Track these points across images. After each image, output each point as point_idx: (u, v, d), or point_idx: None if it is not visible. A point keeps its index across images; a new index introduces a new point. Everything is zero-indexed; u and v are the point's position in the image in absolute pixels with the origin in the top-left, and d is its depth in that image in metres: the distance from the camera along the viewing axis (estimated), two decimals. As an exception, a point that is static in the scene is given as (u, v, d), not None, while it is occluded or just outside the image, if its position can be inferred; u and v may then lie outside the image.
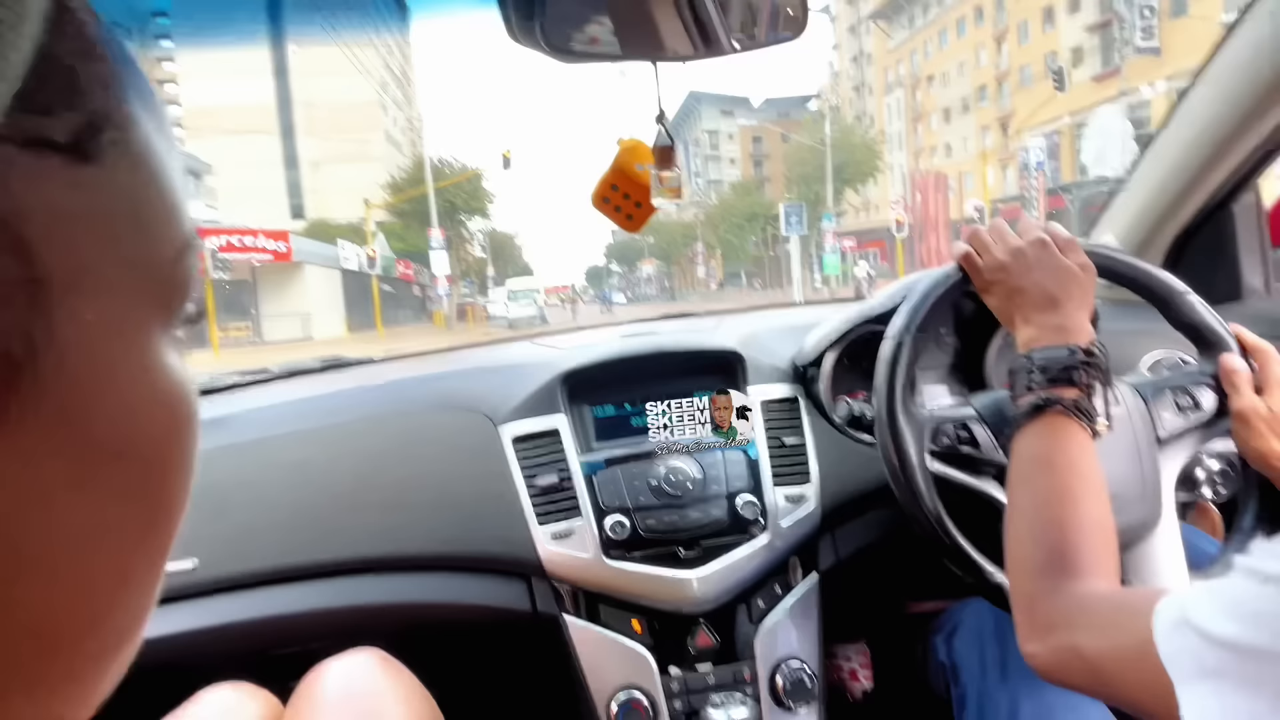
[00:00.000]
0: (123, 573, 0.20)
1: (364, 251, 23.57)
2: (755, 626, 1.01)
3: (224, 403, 1.23)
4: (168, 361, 0.21)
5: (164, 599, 0.71)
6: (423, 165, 29.50)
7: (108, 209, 0.19)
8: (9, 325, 0.16)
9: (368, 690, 0.72)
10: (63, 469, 0.18)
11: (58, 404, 0.17)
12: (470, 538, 1.01)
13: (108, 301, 0.18)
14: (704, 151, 56.67)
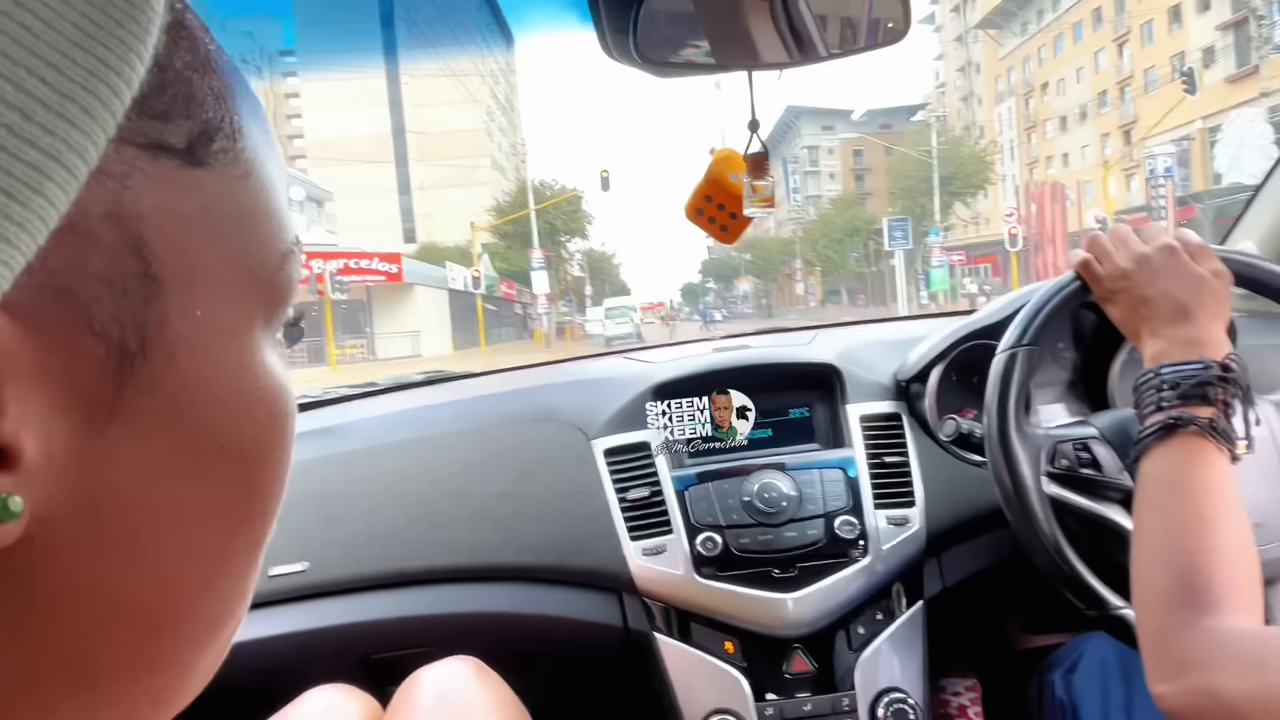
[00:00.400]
0: (219, 561, 0.21)
1: (469, 272, 24.50)
2: (855, 655, 0.96)
3: (335, 414, 1.29)
4: (269, 361, 0.22)
5: (277, 600, 0.75)
6: (525, 188, 30.47)
7: (218, 212, 0.20)
8: (125, 318, 0.17)
9: (463, 699, 0.73)
10: (170, 459, 0.19)
11: (168, 396, 0.18)
12: (563, 550, 1.02)
13: (216, 301, 0.20)
14: (803, 167, 55.87)
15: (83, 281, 0.16)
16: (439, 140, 45.90)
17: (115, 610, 0.18)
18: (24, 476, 0.15)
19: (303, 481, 1.08)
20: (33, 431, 0.15)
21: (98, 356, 0.16)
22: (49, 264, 0.15)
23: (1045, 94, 41.02)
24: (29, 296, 0.15)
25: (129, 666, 0.20)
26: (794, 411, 1.12)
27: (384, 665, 0.96)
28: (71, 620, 0.18)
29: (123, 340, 0.17)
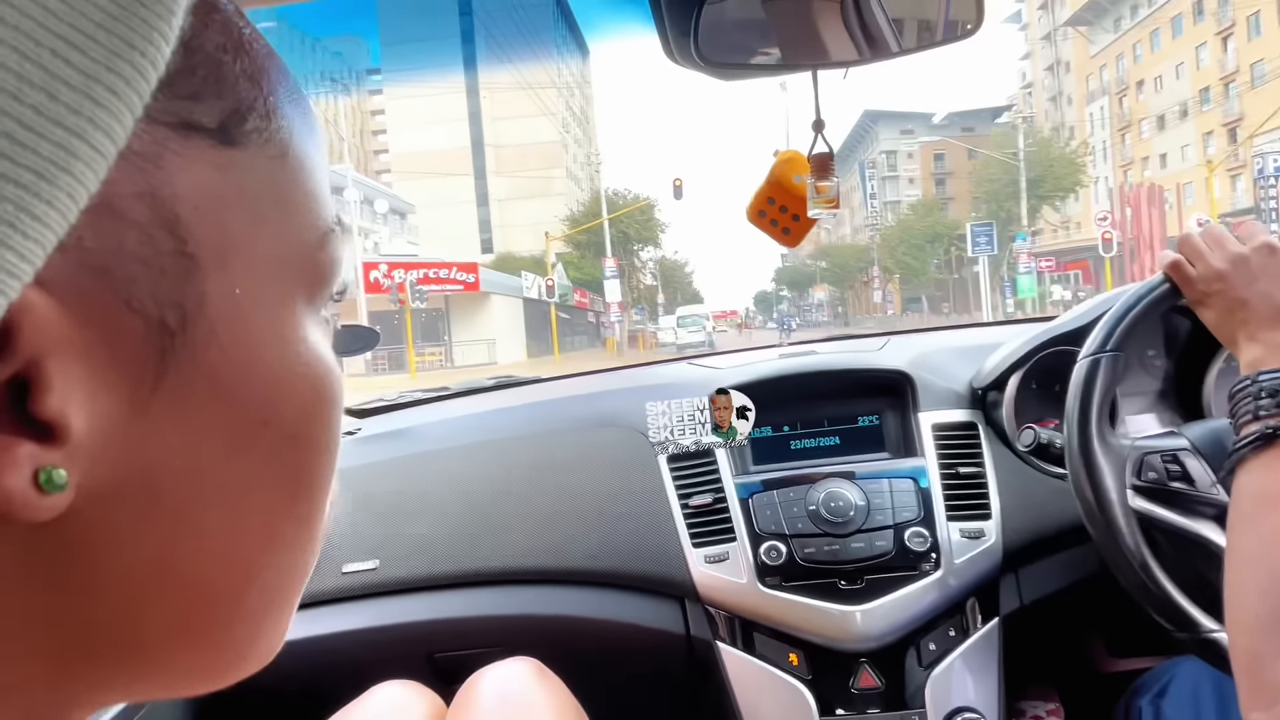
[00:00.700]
0: (271, 535, 0.22)
1: (543, 281, 24.92)
2: (926, 672, 0.93)
3: (408, 417, 1.33)
4: (313, 340, 0.22)
5: (349, 597, 0.77)
6: (599, 198, 30.81)
7: (253, 191, 0.20)
8: (163, 296, 0.17)
9: (522, 699, 0.73)
10: (215, 435, 0.19)
11: (210, 373, 0.19)
12: (625, 555, 1.02)
13: (255, 279, 0.20)
14: (880, 173, 54.56)
15: (119, 260, 0.16)
16: (516, 153, 46.95)
17: (168, 582, 0.19)
18: (71, 451, 0.16)
19: (375, 482, 1.12)
20: (78, 408, 0.16)
21: (138, 334, 0.17)
22: (85, 243, 0.15)
23: (1141, 92, 38.99)
24: (67, 275, 0.15)
25: (184, 636, 0.20)
26: (863, 419, 1.09)
27: (449, 664, 0.97)
28: (125, 591, 0.18)
29: (162, 318, 0.17)
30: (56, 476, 0.15)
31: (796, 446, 1.08)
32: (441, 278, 21.08)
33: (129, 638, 0.19)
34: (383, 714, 0.73)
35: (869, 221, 48.74)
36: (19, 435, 0.15)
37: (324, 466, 0.23)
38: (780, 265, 68.28)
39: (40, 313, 0.15)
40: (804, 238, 0.88)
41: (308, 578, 0.25)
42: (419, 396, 1.45)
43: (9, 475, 0.15)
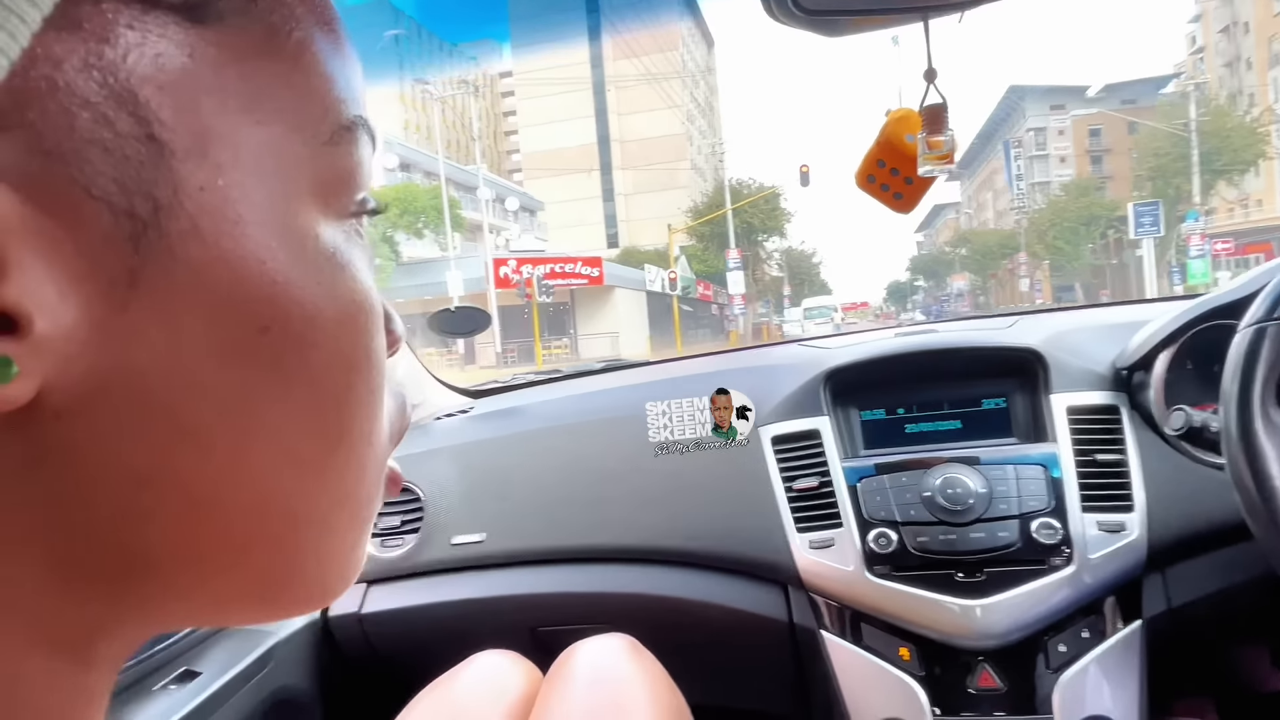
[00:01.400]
0: (287, 455, 0.20)
1: (666, 275, 25.03)
2: (1055, 675, 0.85)
3: (521, 397, 1.36)
4: (329, 245, 0.21)
5: (458, 568, 0.80)
6: (722, 188, 30.56)
7: (234, 77, 0.18)
8: (129, 184, 0.16)
9: (616, 674, 0.73)
10: (207, 338, 0.18)
11: (193, 270, 0.17)
12: (726, 538, 0.99)
13: (245, 173, 0.18)
14: (1028, 152, 50.77)
15: (73, 143, 0.15)
16: (641, 147, 47.44)
17: (170, 496, 0.18)
18: (35, 344, 0.15)
19: (484, 458, 1.15)
20: (39, 299, 0.15)
21: (105, 224, 0.16)
22: (31, 123, 0.15)
23: (1339, 49, 34.31)
24: (13, 158, 0.15)
25: (199, 559, 0.19)
26: (988, 402, 1.01)
27: (551, 638, 0.99)
28: (121, 501, 0.18)
29: (130, 207, 0.16)
30: (7, 366, 0.15)
31: (912, 430, 1.02)
32: (567, 272, 21.51)
33: (137, 556, 0.18)
34: (481, 681, 0.74)
35: (1015, 204, 45.65)
36: None
37: (354, 385, 0.21)
38: (916, 254, 65.31)
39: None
40: (918, 203, 0.82)
41: (365, 513, 0.24)
42: (531, 378, 1.48)
43: None
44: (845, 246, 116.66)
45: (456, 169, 31.00)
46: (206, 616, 0.22)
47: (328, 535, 0.22)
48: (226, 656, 0.91)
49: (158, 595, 0.20)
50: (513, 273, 19.25)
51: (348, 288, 0.21)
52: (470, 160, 28.52)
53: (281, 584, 0.22)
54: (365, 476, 0.23)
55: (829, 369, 1.03)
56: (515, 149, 52.37)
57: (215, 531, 0.19)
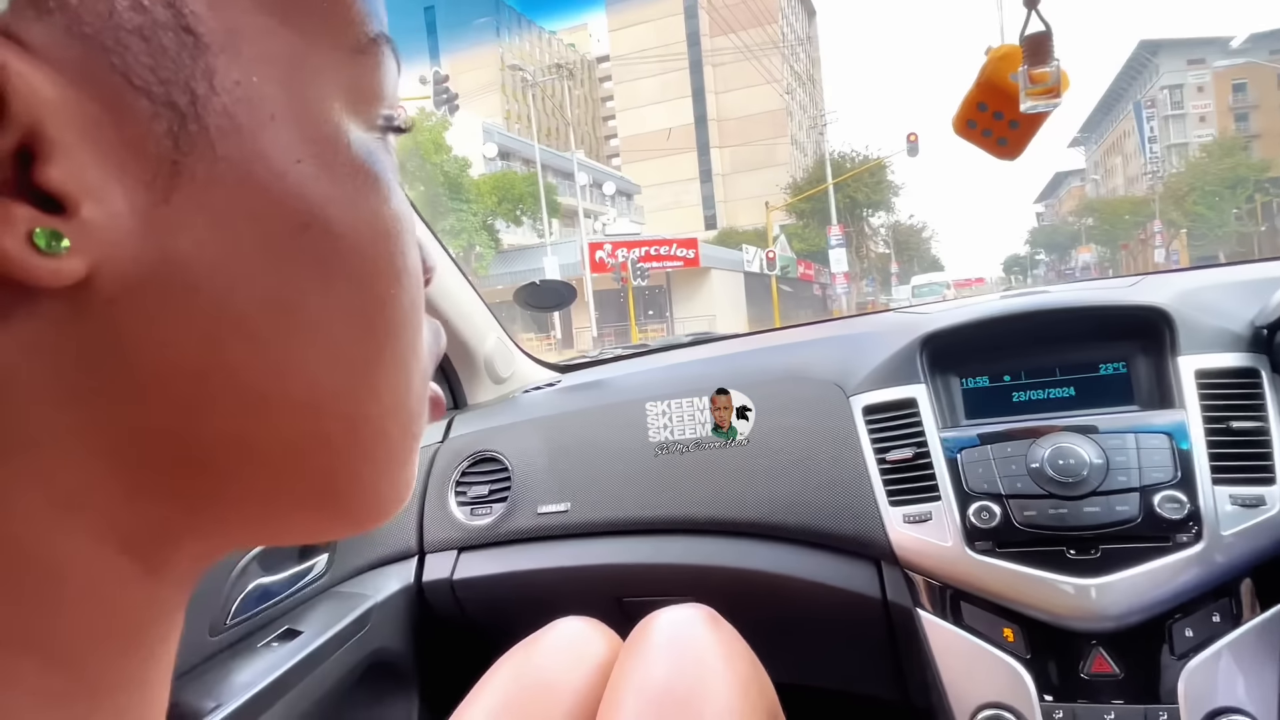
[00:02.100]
0: (338, 354, 0.21)
1: (764, 254, 24.60)
2: (1180, 662, 0.77)
3: (608, 371, 1.36)
4: (359, 150, 0.21)
5: (544, 536, 0.81)
6: (823, 162, 29.71)
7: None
8: (168, 74, 0.17)
9: (694, 644, 0.72)
10: (250, 231, 0.18)
11: (233, 164, 0.18)
12: (815, 511, 0.95)
13: (275, 72, 0.19)
14: (1162, 111, 46.59)
15: (112, 30, 0.16)
16: (739, 125, 46.78)
17: (220, 389, 0.19)
18: (81, 226, 0.16)
19: (569, 429, 1.15)
20: (85, 183, 0.16)
21: (146, 113, 0.16)
22: (70, 7, 0.15)
23: None
24: (55, 40, 0.15)
25: (252, 454, 0.20)
26: (1106, 367, 0.92)
27: (636, 609, 0.98)
28: (172, 394, 0.18)
29: (169, 97, 0.17)
30: (58, 240, 0.15)
31: (1020, 399, 0.95)
32: (662, 255, 21.52)
33: (194, 453, 0.19)
34: (561, 646, 0.75)
35: (1148, 169, 42.19)
36: (18, 201, 0.15)
37: (394, 293, 0.22)
38: (1036, 226, 61.55)
39: (29, 77, 0.15)
40: (1025, 147, 0.76)
41: (411, 429, 0.24)
42: (619, 352, 1.48)
43: (2, 233, 0.15)
44: (958, 219, 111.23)
45: (554, 155, 31.50)
46: (269, 529, 0.22)
47: (382, 442, 0.23)
48: (326, 617, 0.95)
49: (218, 500, 0.20)
50: (608, 257, 19.41)
51: (382, 195, 0.22)
52: (569, 146, 28.89)
53: (339, 491, 0.22)
54: (412, 387, 0.24)
55: (926, 334, 0.97)
56: (613, 134, 52.77)
57: (270, 428, 0.20)
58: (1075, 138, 64.18)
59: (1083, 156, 64.38)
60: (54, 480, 0.17)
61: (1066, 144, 65.83)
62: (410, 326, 0.23)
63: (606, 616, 0.80)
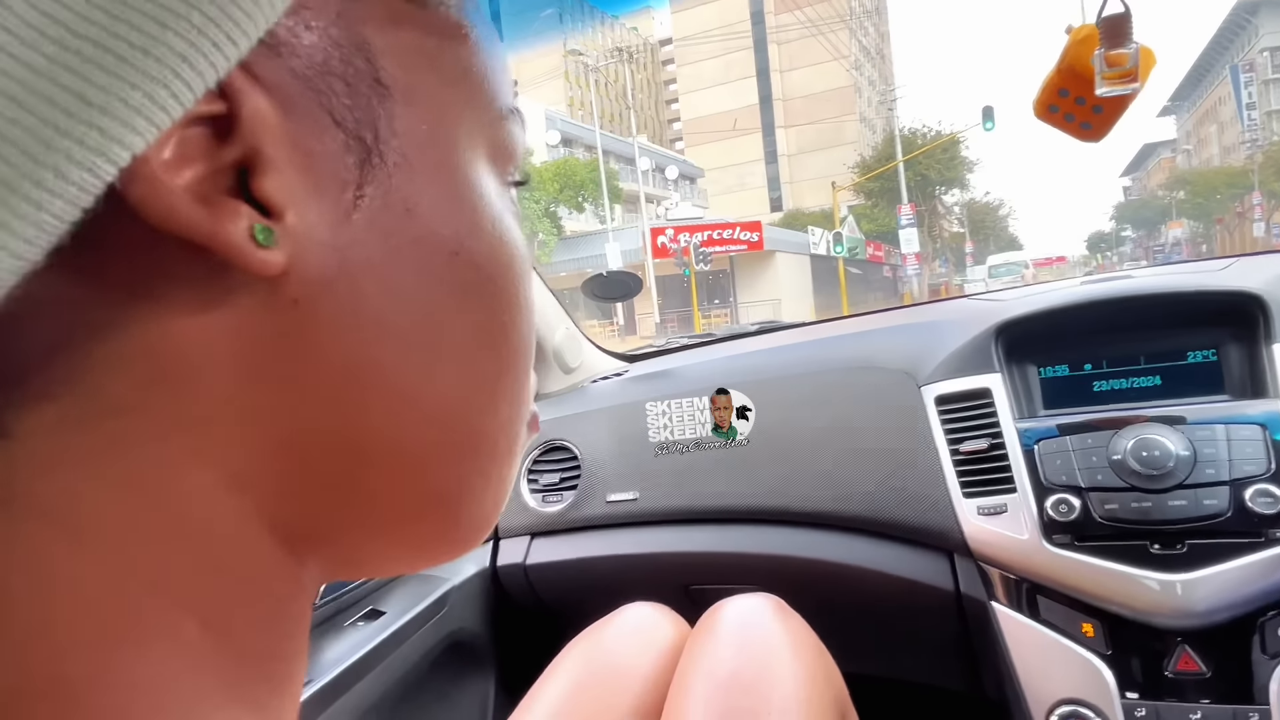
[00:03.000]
0: (471, 370, 0.24)
1: (831, 236, 24.07)
2: (1273, 662, 0.74)
3: (674, 360, 1.37)
4: (496, 201, 0.25)
5: (614, 524, 0.83)
6: (892, 139, 28.84)
7: (435, 49, 0.23)
8: (360, 114, 0.20)
9: (761, 633, 0.73)
10: (411, 252, 0.21)
11: (404, 194, 0.21)
12: (886, 502, 0.95)
13: (441, 122, 0.23)
14: (1262, 75, 43.38)
15: (323, 74, 0.19)
16: (805, 104, 45.82)
17: (376, 389, 0.21)
18: (285, 230, 0.19)
19: (638, 419, 1.17)
20: (291, 195, 0.19)
21: (340, 144, 0.20)
22: (295, 52, 0.19)
23: None
24: (280, 78, 0.18)
25: (394, 459, 0.22)
26: (1194, 355, 0.89)
27: (703, 596, 1.00)
28: (335, 390, 0.20)
29: (359, 133, 0.20)
30: (270, 234, 0.18)
31: (1101, 388, 0.92)
32: (725, 238, 21.22)
33: (342, 446, 0.21)
34: (629, 631, 0.77)
35: (1246, 137, 39.49)
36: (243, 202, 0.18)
37: (517, 321, 0.25)
38: (1122, 200, 58.46)
39: (258, 104, 0.18)
40: (1110, 129, 0.73)
41: (515, 449, 0.26)
42: (685, 342, 1.49)
43: (231, 225, 0.18)
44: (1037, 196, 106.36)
45: (616, 140, 31.47)
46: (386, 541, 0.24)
47: (494, 455, 0.25)
48: (408, 599, 1.00)
49: (355, 498, 0.22)
50: (670, 241, 19.28)
51: (512, 238, 0.25)
52: (631, 131, 28.82)
53: (454, 498, 0.24)
54: (522, 406, 0.26)
55: (1001, 321, 0.95)
56: (676, 117, 52.39)
57: (407, 433, 0.22)
58: (1165, 106, 60.53)
59: (1174, 126, 60.67)
60: (225, 461, 0.19)
61: (1156, 114, 62.22)
62: (526, 352, 0.26)
63: (674, 603, 0.81)
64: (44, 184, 0.14)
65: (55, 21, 0.14)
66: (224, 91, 0.17)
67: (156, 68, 0.15)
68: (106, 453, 0.18)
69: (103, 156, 0.15)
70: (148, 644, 0.18)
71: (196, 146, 0.17)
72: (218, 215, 0.17)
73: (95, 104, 0.14)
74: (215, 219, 0.17)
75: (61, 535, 0.17)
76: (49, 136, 0.14)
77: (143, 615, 0.18)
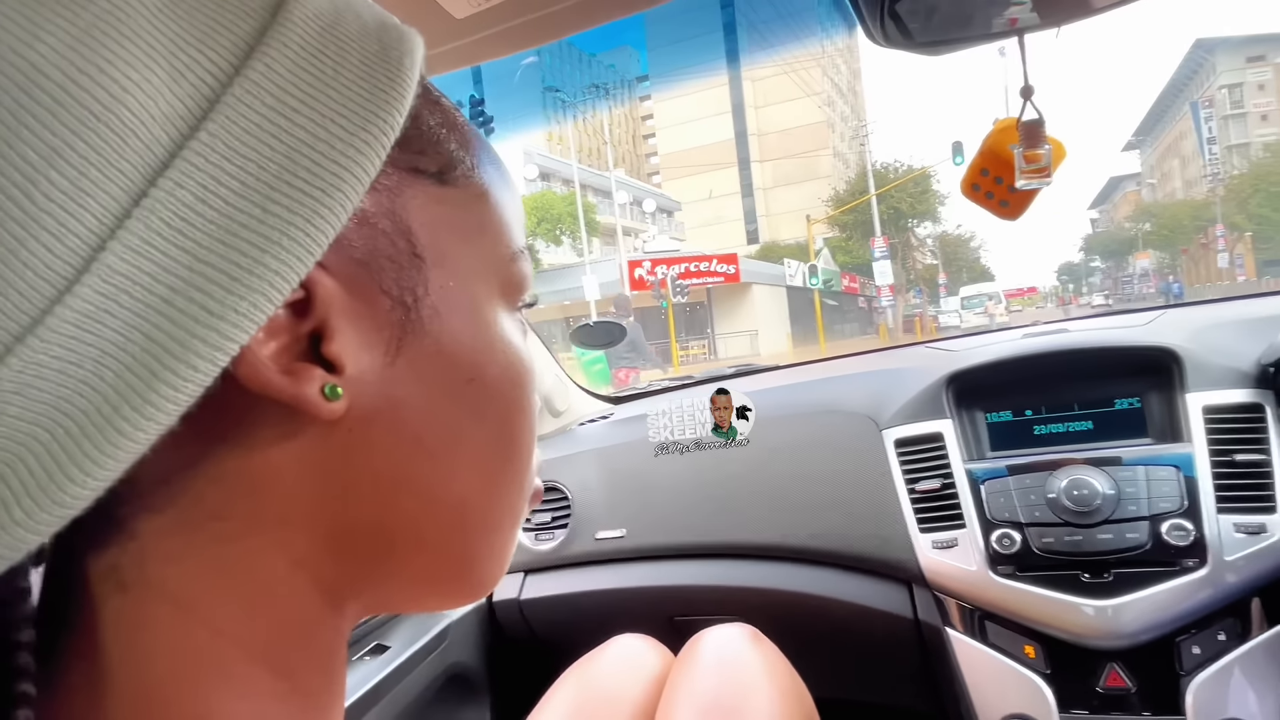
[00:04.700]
0: (481, 467, 0.29)
1: (806, 268, 24.37)
2: (1188, 678, 0.84)
3: (657, 402, 1.45)
4: (507, 330, 0.30)
5: (602, 560, 0.90)
6: (865, 173, 29.36)
7: (460, 218, 0.28)
8: (403, 283, 0.25)
9: (738, 660, 0.79)
10: (440, 383, 0.27)
11: (435, 340, 0.26)
12: (851, 537, 1.04)
13: (463, 278, 0.28)
14: (1221, 111, 44.97)
15: (375, 257, 0.25)
16: (780, 139, 46.57)
17: (405, 493, 0.26)
18: (344, 381, 0.24)
19: (623, 459, 1.25)
20: (350, 353, 0.24)
21: (387, 308, 0.25)
22: (353, 243, 0.24)
23: None
24: (342, 265, 0.24)
25: (419, 543, 0.28)
26: (1120, 402, 1.00)
27: (687, 627, 1.07)
28: (378, 496, 0.26)
29: (402, 297, 0.25)
30: (337, 390, 0.24)
31: (1041, 432, 1.02)
32: (702, 271, 21.25)
33: (382, 534, 0.27)
34: (618, 661, 0.82)
35: (1207, 171, 40.74)
36: (314, 365, 0.23)
37: (520, 422, 0.30)
38: (1091, 232, 59.74)
39: (328, 287, 0.23)
40: (1025, 210, 0.84)
41: (517, 521, 0.32)
42: (666, 384, 1.58)
43: (308, 386, 0.23)
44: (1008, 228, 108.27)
45: (593, 174, 31.65)
46: (414, 593, 0.31)
47: (499, 533, 0.31)
48: (411, 633, 1.07)
49: (387, 568, 0.28)
50: (647, 274, 19.30)
51: (518, 357, 0.30)
52: (608, 165, 29.13)
53: (465, 568, 0.30)
54: (523, 491, 0.32)
55: (952, 371, 1.05)
56: (653, 151, 53.01)
57: (431, 521, 0.28)
58: (1129, 141, 62.35)
59: (1138, 160, 62.45)
60: (292, 547, 0.25)
61: (1121, 148, 64.06)
62: (528, 448, 0.31)
63: (659, 633, 0.88)
64: (180, 374, 0.19)
65: (184, 251, 0.19)
66: (303, 282, 0.22)
67: (259, 282, 0.20)
68: (209, 547, 0.24)
69: (221, 351, 0.20)
70: (232, 685, 0.24)
71: (281, 325, 0.22)
72: (298, 381, 0.22)
73: (215, 314, 0.19)
74: (296, 384, 0.22)
75: (176, 611, 0.23)
76: (184, 339, 0.19)
77: (230, 664, 0.24)
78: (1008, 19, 0.73)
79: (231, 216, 0.20)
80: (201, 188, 0.20)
